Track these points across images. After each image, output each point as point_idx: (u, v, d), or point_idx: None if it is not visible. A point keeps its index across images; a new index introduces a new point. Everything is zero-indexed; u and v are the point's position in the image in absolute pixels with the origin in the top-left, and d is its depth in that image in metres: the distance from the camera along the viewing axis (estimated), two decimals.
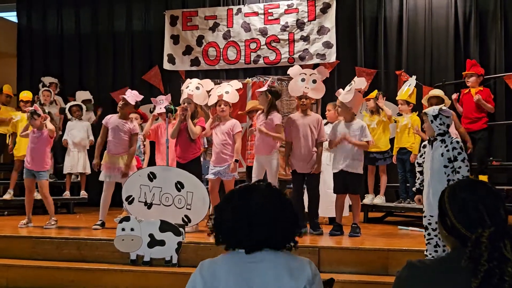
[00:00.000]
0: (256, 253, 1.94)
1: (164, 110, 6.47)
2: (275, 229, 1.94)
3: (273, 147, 6.25)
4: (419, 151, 4.77)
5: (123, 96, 6.55)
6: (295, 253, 2.00)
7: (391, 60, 9.02)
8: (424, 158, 4.60)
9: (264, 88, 6.24)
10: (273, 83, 6.81)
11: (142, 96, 6.81)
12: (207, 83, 6.74)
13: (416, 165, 4.77)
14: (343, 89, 6.00)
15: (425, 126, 4.58)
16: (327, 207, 6.53)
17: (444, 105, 6.44)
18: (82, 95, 9.36)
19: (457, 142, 4.40)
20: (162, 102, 6.72)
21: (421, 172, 4.67)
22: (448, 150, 4.36)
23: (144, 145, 7.71)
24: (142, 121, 7.73)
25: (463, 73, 7.36)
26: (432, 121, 4.44)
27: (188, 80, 6.82)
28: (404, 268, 1.85)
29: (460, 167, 4.30)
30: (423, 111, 4.67)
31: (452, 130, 6.28)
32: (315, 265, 2.00)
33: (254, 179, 6.30)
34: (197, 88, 6.50)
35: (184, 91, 6.54)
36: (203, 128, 6.41)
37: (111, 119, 6.54)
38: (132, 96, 6.57)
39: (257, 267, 1.91)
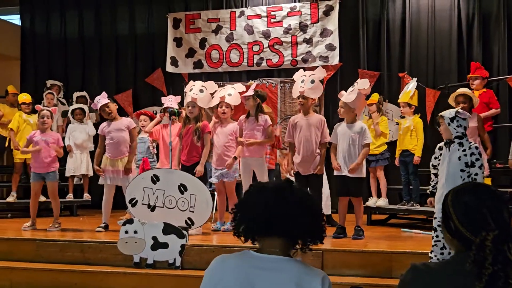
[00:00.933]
0: (269, 258, 1.92)
1: (169, 105, 6.53)
2: (297, 225, 1.93)
3: (264, 150, 6.29)
4: (435, 152, 4.67)
5: (98, 107, 6.51)
6: (301, 255, 1.98)
7: (394, 62, 9.01)
8: (439, 160, 4.54)
9: (251, 93, 6.29)
10: (257, 86, 6.89)
11: (104, 91, 6.74)
12: (211, 85, 6.75)
13: (431, 167, 4.70)
14: (346, 91, 6.01)
15: (441, 129, 4.52)
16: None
17: (469, 105, 6.29)
18: (78, 94, 9.43)
19: (476, 147, 4.35)
20: (171, 100, 6.75)
21: (436, 175, 4.61)
22: (466, 155, 4.30)
23: (154, 148, 7.70)
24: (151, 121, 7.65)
25: (467, 76, 7.33)
26: (449, 124, 4.39)
27: (192, 82, 6.81)
28: (408, 272, 1.85)
29: (476, 174, 4.26)
30: (439, 114, 4.59)
31: (474, 136, 6.14)
32: (330, 282, 1.95)
33: (243, 182, 6.32)
34: (201, 91, 6.51)
35: (188, 94, 6.55)
36: (209, 132, 6.44)
37: (105, 127, 6.53)
38: (99, 100, 6.51)
39: (265, 277, 1.88)
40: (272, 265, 1.90)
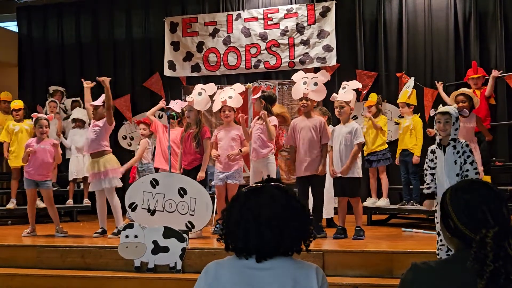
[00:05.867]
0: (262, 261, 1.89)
1: (172, 107, 6.55)
2: (285, 231, 1.87)
3: (269, 150, 6.29)
4: (427, 156, 4.52)
5: (92, 103, 6.42)
6: (299, 256, 1.97)
7: (391, 62, 9.01)
8: (435, 163, 4.41)
9: (258, 95, 6.32)
10: (267, 88, 6.89)
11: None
12: (210, 87, 6.67)
13: (428, 168, 4.49)
14: (337, 94, 6.04)
15: (445, 126, 4.32)
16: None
17: (469, 105, 6.19)
18: (73, 99, 9.45)
19: (467, 145, 4.29)
20: (176, 104, 6.77)
21: (432, 175, 4.44)
22: (460, 157, 4.25)
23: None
24: (150, 131, 7.45)
25: (472, 76, 7.14)
26: (453, 123, 4.29)
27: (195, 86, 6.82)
28: (409, 271, 1.85)
29: (467, 170, 4.19)
30: (443, 109, 4.42)
31: (471, 136, 6.10)
32: (323, 273, 1.95)
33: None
34: (199, 93, 6.48)
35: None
36: (209, 137, 6.41)
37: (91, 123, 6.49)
38: (99, 100, 6.46)
39: (262, 277, 1.87)
40: (267, 264, 1.89)
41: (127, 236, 5.23)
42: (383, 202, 7.36)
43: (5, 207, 8.18)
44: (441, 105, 4.79)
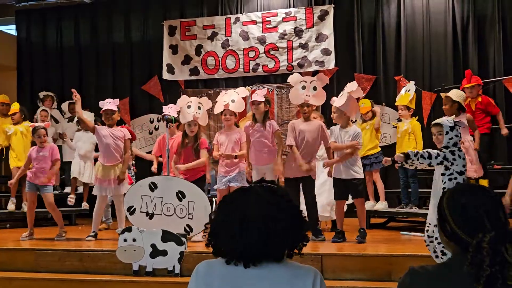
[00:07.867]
0: (255, 267, 1.80)
1: (168, 113, 6.51)
2: (272, 232, 1.76)
3: (273, 156, 6.26)
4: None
5: (104, 108, 6.40)
6: (297, 259, 1.92)
7: (390, 66, 9.03)
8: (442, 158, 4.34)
9: (262, 98, 6.25)
10: (253, 92, 6.86)
11: (118, 99, 6.72)
12: (206, 102, 6.53)
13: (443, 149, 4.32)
14: (337, 97, 6.03)
15: (437, 139, 4.33)
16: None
17: (451, 108, 6.25)
18: (70, 101, 9.39)
19: (444, 156, 4.22)
20: (170, 109, 6.72)
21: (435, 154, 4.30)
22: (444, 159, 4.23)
23: (133, 165, 7.69)
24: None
25: (467, 85, 7.01)
26: (447, 132, 4.24)
27: (185, 97, 6.61)
28: (406, 275, 1.85)
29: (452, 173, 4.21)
30: (436, 121, 4.40)
31: (467, 137, 6.12)
32: (321, 278, 1.85)
33: None
34: (199, 108, 6.37)
35: (184, 110, 6.35)
36: (208, 148, 6.36)
37: (102, 130, 6.43)
38: (110, 102, 6.44)
39: (257, 286, 1.78)
40: (261, 272, 1.79)
41: (125, 240, 5.23)
42: (382, 205, 7.37)
43: (5, 210, 8.15)
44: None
